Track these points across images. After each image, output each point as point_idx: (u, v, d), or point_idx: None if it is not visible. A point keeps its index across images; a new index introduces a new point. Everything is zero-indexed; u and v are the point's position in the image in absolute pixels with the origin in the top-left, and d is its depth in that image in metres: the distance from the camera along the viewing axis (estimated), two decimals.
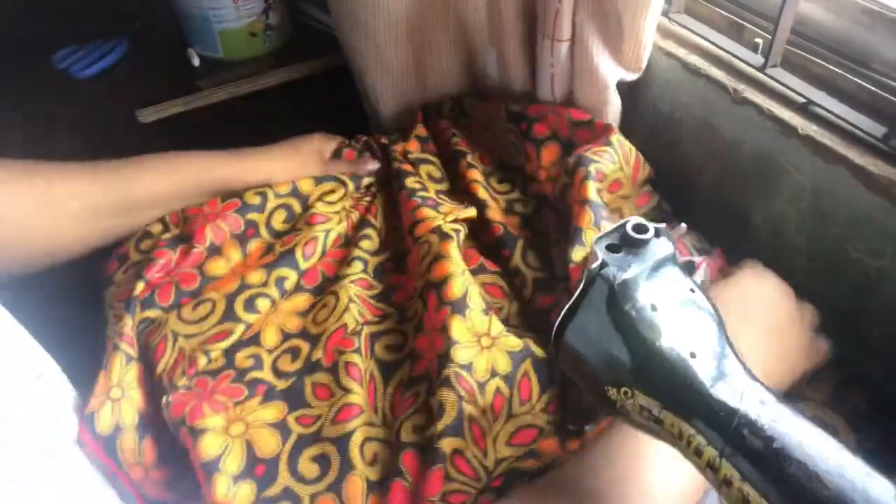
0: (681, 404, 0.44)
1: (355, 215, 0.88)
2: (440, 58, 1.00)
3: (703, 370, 0.44)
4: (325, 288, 0.80)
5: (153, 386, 0.72)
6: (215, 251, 0.82)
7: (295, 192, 0.87)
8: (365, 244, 0.83)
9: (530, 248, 0.82)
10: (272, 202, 0.85)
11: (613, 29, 0.81)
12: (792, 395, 0.71)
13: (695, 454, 0.43)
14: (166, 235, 0.83)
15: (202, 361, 0.72)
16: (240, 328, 0.75)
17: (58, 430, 0.65)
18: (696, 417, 0.43)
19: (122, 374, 0.70)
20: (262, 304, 0.77)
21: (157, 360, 0.73)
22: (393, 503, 0.61)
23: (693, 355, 0.44)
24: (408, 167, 0.91)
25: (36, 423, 0.60)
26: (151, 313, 0.76)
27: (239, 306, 0.76)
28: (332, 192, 0.89)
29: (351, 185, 0.91)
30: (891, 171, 0.70)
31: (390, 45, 0.96)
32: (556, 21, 0.82)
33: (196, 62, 1.18)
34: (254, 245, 0.84)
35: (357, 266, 0.81)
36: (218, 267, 0.81)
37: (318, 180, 0.89)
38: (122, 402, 0.69)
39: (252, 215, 0.84)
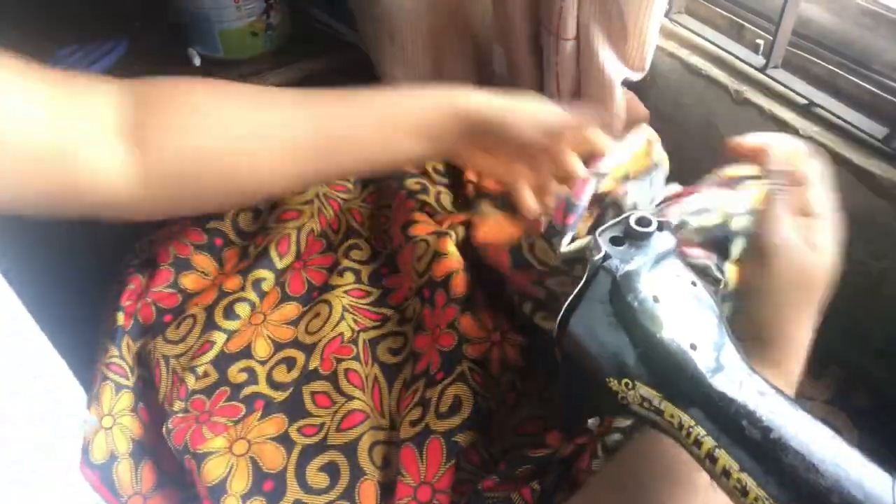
0: (681, 395, 0.44)
1: (329, 212, 0.87)
2: (454, 57, 1.00)
3: (703, 361, 0.44)
4: (314, 296, 0.80)
5: (153, 412, 0.72)
6: (185, 265, 0.81)
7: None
8: (355, 254, 0.83)
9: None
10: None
11: (617, 28, 0.81)
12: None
13: (694, 445, 0.43)
14: (135, 262, 0.84)
15: (191, 380, 0.71)
16: (221, 337, 0.74)
17: (58, 430, 0.64)
18: (696, 408, 0.43)
19: (113, 403, 0.71)
20: (242, 309, 0.76)
21: (157, 386, 0.73)
22: (398, 498, 0.61)
23: (693, 347, 0.44)
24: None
25: (36, 423, 0.59)
26: (141, 341, 0.77)
27: (218, 315, 0.76)
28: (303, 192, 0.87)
29: None
30: (892, 173, 0.70)
31: (415, 46, 0.96)
32: (561, 18, 0.82)
33: (197, 62, 1.18)
34: (227, 253, 0.83)
35: (349, 276, 0.80)
36: (193, 281, 0.81)
37: None
38: (114, 429, 0.69)
39: (213, 224, 0.84)
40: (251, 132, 0.62)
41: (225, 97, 0.63)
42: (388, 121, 0.67)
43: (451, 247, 0.76)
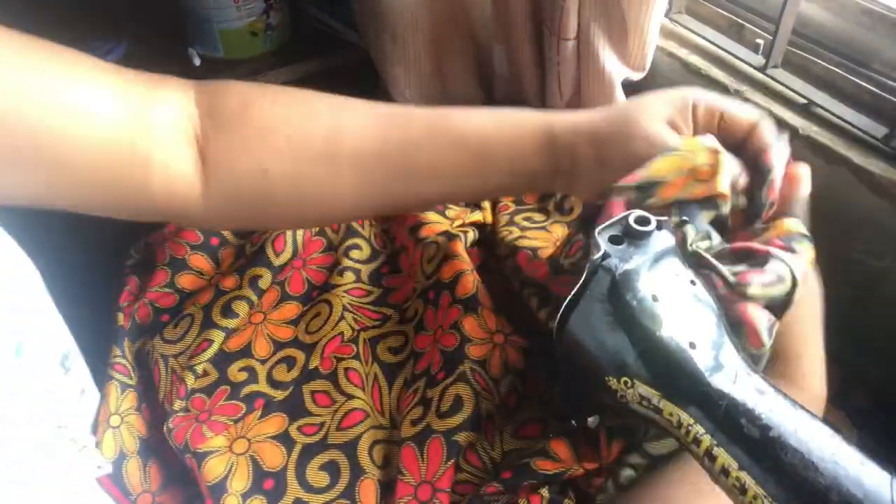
0: (679, 393, 0.44)
1: None
2: (455, 58, 1.01)
3: (702, 360, 0.44)
4: (314, 296, 0.79)
5: (154, 411, 0.72)
6: (181, 265, 0.81)
7: None
8: (355, 254, 0.82)
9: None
10: None
11: (618, 27, 0.81)
12: None
13: (693, 443, 0.43)
14: (130, 262, 0.84)
15: (190, 379, 0.71)
16: (219, 335, 0.74)
17: (58, 430, 0.64)
18: (695, 406, 0.43)
19: (120, 402, 0.71)
20: (240, 307, 0.76)
21: (157, 386, 0.73)
22: (398, 498, 0.61)
23: (692, 345, 0.45)
24: None
25: (36, 423, 0.59)
26: (140, 341, 0.77)
27: (216, 313, 0.76)
28: None
29: None
30: (892, 172, 0.70)
31: (416, 45, 0.97)
32: (562, 18, 0.82)
33: (197, 62, 1.18)
34: (223, 252, 0.83)
35: (349, 276, 0.80)
36: (190, 280, 0.81)
37: None
38: (121, 428, 0.69)
39: None
40: (321, 157, 0.59)
41: (296, 117, 0.59)
42: (478, 152, 0.60)
43: (460, 249, 0.76)
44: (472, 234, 0.80)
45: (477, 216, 0.83)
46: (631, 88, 0.90)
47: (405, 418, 0.66)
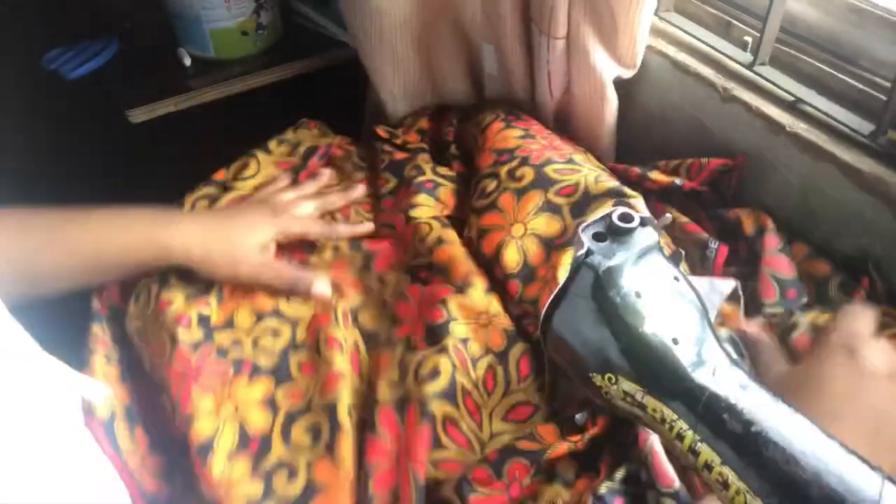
0: (663, 389, 0.44)
1: None
2: (445, 57, 1.00)
3: (685, 356, 0.44)
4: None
5: (139, 383, 0.74)
6: None
7: (209, 182, 0.90)
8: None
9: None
10: (188, 202, 0.88)
11: (608, 25, 0.81)
12: None
13: (676, 438, 0.44)
14: None
15: (178, 335, 0.73)
16: (179, 296, 0.76)
17: (58, 428, 0.65)
18: (678, 402, 0.44)
19: (105, 371, 0.73)
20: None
21: (139, 358, 0.76)
22: (371, 459, 0.62)
23: (675, 341, 0.45)
24: (401, 155, 0.93)
25: (36, 423, 0.59)
26: (115, 320, 0.79)
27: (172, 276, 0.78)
28: (245, 167, 0.92)
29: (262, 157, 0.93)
30: (878, 169, 0.70)
31: (404, 45, 0.97)
32: (552, 17, 0.82)
33: (187, 62, 1.18)
34: None
35: (328, 253, 0.82)
36: None
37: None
38: (109, 393, 0.70)
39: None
40: None
41: None
42: (90, 256, 0.73)
43: (453, 235, 0.79)
44: (476, 223, 0.82)
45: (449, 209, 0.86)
46: (620, 86, 0.91)
47: (381, 381, 0.68)
